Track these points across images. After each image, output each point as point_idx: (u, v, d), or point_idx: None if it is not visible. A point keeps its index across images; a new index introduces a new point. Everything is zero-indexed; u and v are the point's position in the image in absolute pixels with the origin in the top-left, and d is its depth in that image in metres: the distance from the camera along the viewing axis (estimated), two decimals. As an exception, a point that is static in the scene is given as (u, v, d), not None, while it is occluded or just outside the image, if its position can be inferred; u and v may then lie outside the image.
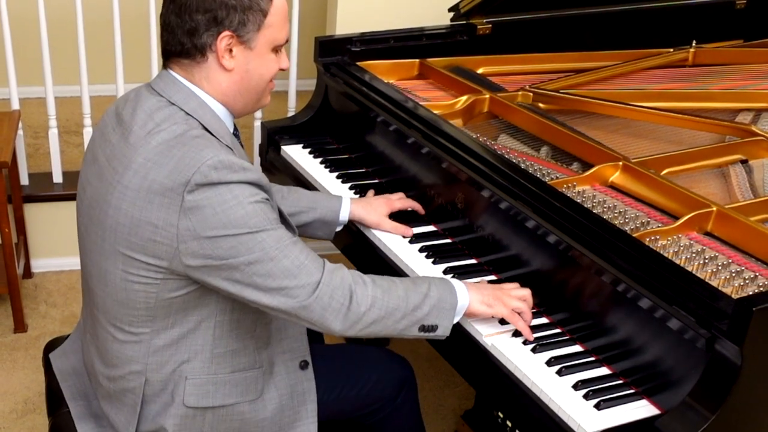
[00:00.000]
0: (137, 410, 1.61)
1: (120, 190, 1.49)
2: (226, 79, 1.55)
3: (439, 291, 1.61)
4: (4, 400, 2.62)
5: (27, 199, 3.15)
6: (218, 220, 1.43)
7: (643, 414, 1.47)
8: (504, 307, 1.65)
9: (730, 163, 2.03)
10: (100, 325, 1.61)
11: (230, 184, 1.45)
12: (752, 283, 1.56)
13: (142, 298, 1.53)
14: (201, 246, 1.45)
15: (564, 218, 1.68)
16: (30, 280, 3.21)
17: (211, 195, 1.43)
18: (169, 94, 1.54)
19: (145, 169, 1.47)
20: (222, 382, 1.61)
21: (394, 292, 1.57)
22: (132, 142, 1.50)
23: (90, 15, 3.23)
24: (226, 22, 1.50)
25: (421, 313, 1.59)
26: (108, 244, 1.52)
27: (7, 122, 2.99)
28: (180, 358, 1.58)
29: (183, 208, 1.43)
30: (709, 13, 2.88)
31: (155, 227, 1.46)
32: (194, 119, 1.52)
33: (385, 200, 2.03)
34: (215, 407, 1.62)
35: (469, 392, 2.70)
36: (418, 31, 2.56)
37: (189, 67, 1.55)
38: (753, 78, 2.53)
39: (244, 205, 1.45)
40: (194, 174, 1.43)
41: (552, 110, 2.30)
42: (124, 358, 1.59)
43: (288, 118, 2.60)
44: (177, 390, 1.59)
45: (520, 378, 1.57)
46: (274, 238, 1.48)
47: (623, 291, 1.55)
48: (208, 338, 1.58)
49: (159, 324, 1.55)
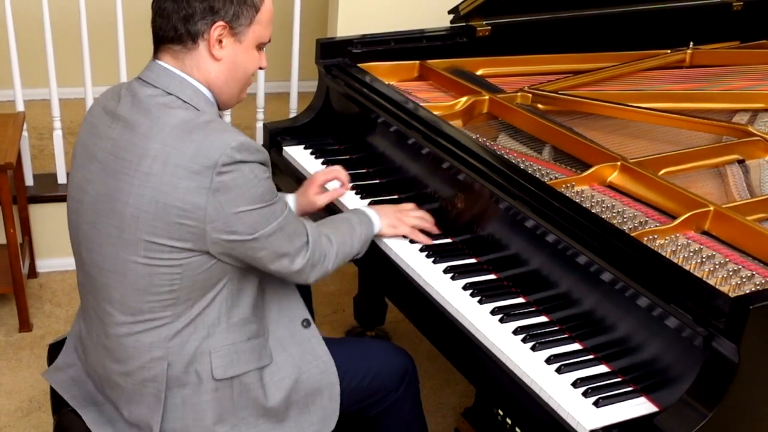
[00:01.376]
0: (161, 398, 1.61)
1: (140, 178, 1.51)
2: (215, 68, 1.60)
3: (365, 229, 1.88)
4: (10, 398, 2.62)
5: (32, 200, 3.15)
6: (244, 198, 1.52)
7: (641, 411, 1.47)
8: (404, 225, 1.94)
9: (727, 163, 2.03)
10: (113, 321, 1.61)
11: (251, 163, 1.53)
12: (749, 282, 1.56)
13: (166, 281, 1.55)
14: (227, 223, 1.52)
15: (563, 218, 1.69)
16: (35, 279, 3.22)
17: (236, 176, 1.51)
18: (164, 84, 1.58)
19: (165, 155, 1.50)
20: (242, 350, 1.66)
21: (347, 243, 1.81)
22: (142, 131, 1.53)
23: (93, 17, 3.24)
24: (222, 12, 1.56)
25: (355, 251, 1.85)
26: (128, 234, 1.54)
27: (12, 124, 2.99)
28: (200, 334, 1.61)
29: (211, 190, 1.49)
30: (707, 14, 2.88)
31: (182, 210, 1.50)
32: (191, 106, 1.57)
33: (309, 180, 2.09)
34: (240, 375, 1.65)
35: (470, 390, 2.70)
36: (418, 33, 2.57)
37: (180, 54, 1.59)
38: (750, 79, 2.53)
39: (262, 182, 1.55)
40: (221, 156, 1.49)
41: (551, 111, 2.30)
42: (143, 348, 1.60)
43: (290, 119, 2.60)
44: (203, 367, 1.62)
45: (520, 376, 1.57)
46: (279, 208, 1.60)
47: (621, 289, 1.55)
48: (222, 310, 1.63)
49: (181, 306, 1.58)
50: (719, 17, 2.90)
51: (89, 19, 3.10)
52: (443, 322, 1.76)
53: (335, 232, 1.80)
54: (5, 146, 2.81)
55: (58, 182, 3.24)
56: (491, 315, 1.71)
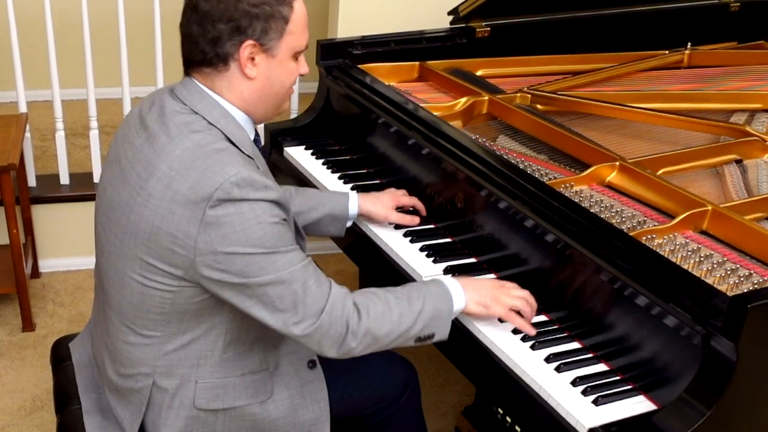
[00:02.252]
0: (142, 410, 1.60)
1: (143, 197, 1.48)
2: (247, 87, 1.54)
3: (434, 303, 1.60)
4: (13, 397, 2.62)
5: (34, 201, 3.15)
6: (237, 238, 1.43)
7: (640, 409, 1.47)
8: (501, 307, 1.64)
9: (725, 163, 2.03)
10: (113, 325, 1.61)
11: (252, 201, 1.44)
12: (747, 281, 1.56)
13: (157, 303, 1.52)
14: (217, 260, 1.44)
15: (562, 217, 1.68)
16: (38, 279, 3.21)
17: (232, 212, 1.43)
18: (192, 103, 1.53)
19: (168, 178, 1.46)
20: (232, 385, 1.61)
21: (387, 319, 1.55)
22: (156, 148, 1.50)
23: (96, 19, 3.24)
24: (249, 31, 1.49)
25: (414, 331, 1.59)
26: (127, 248, 1.52)
27: (14, 125, 2.99)
28: (189, 362, 1.58)
29: (203, 223, 1.43)
30: (704, 15, 2.88)
31: (174, 237, 1.45)
32: (217, 129, 1.51)
33: (391, 195, 2.02)
34: (226, 409, 1.61)
35: (470, 389, 2.70)
36: (418, 35, 2.57)
37: (210, 76, 1.53)
38: (747, 79, 2.53)
39: (263, 226, 1.44)
40: (217, 190, 1.42)
41: (550, 111, 2.30)
42: (134, 359, 1.59)
43: (291, 120, 2.59)
44: (186, 393, 1.59)
45: (520, 375, 1.57)
46: (287, 260, 1.47)
47: (620, 289, 1.55)
48: (218, 343, 1.58)
49: (172, 329, 1.55)
50: (717, 18, 2.90)
51: (91, 21, 3.10)
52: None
53: (377, 304, 1.56)
54: (8, 147, 2.81)
55: (61, 183, 3.24)
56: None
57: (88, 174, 3.31)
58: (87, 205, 3.14)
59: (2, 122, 3.02)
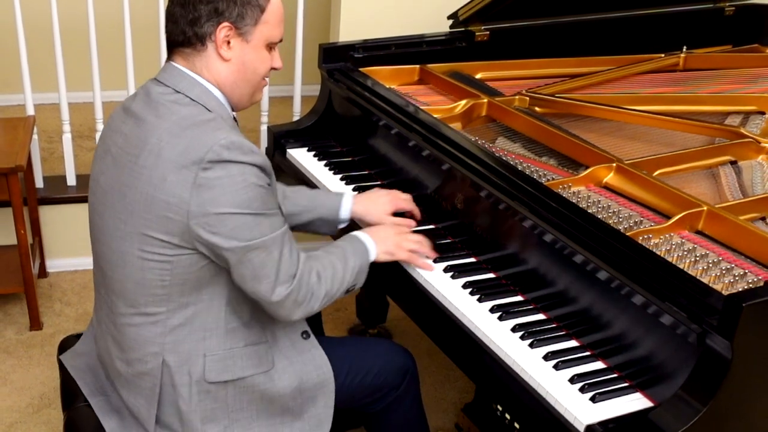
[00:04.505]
0: (156, 392, 1.62)
1: (137, 170, 1.53)
2: (224, 69, 1.60)
3: (360, 259, 1.76)
4: (21, 395, 2.63)
5: (42, 202, 3.15)
6: (227, 199, 1.48)
7: (637, 406, 1.47)
8: (404, 251, 1.82)
9: (720, 164, 2.03)
10: (117, 311, 1.62)
11: (240, 164, 1.49)
12: (742, 280, 1.56)
13: (157, 277, 1.55)
14: (209, 222, 1.49)
15: (560, 218, 1.69)
16: (45, 279, 3.22)
17: (222, 174, 1.48)
18: (174, 83, 1.59)
19: (158, 148, 1.51)
20: (238, 355, 1.64)
21: (337, 279, 1.68)
22: (145, 127, 1.55)
23: (102, 23, 3.24)
24: (226, 14, 1.57)
25: (348, 284, 1.73)
26: (128, 226, 1.55)
27: (22, 127, 2.99)
28: (196, 336, 1.60)
29: (195, 185, 1.48)
30: (700, 19, 2.88)
31: (168, 204, 1.49)
32: (199, 104, 1.57)
33: (390, 198, 2.01)
34: (235, 380, 1.64)
35: (469, 386, 2.70)
36: (418, 38, 2.57)
37: (190, 57, 1.60)
38: (741, 82, 2.53)
39: (252, 187, 1.51)
40: (208, 152, 1.48)
41: (548, 114, 2.30)
42: (141, 341, 1.60)
43: (293, 122, 2.60)
44: (195, 368, 1.61)
45: (518, 372, 1.57)
46: (270, 223, 1.55)
47: (617, 288, 1.55)
48: (221, 314, 1.61)
49: (174, 303, 1.58)
50: (712, 22, 2.90)
51: (97, 25, 3.10)
52: (443, 320, 1.76)
53: (327, 267, 1.68)
54: (16, 149, 2.82)
55: (68, 184, 3.24)
56: (490, 313, 1.71)
57: (95, 175, 3.31)
58: (93, 206, 3.14)
59: (10, 125, 3.02)
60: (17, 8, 2.99)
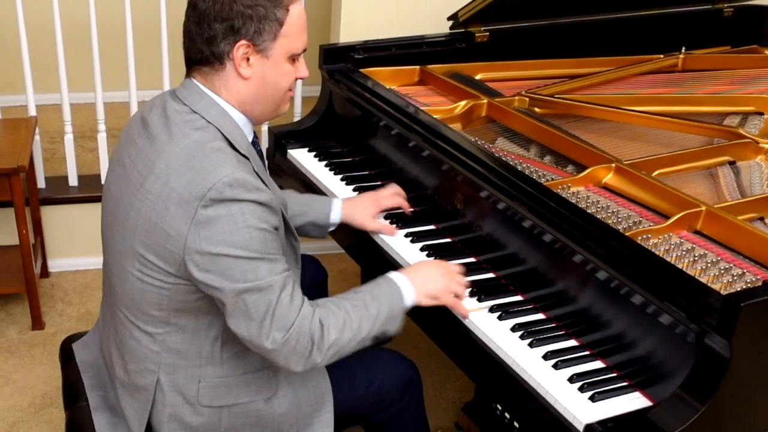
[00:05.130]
0: (148, 407, 1.61)
1: (142, 193, 1.50)
2: (243, 87, 1.55)
3: (389, 304, 1.62)
4: (23, 394, 2.63)
5: (44, 202, 3.15)
6: (224, 239, 1.43)
7: (636, 405, 1.47)
8: (449, 295, 1.69)
9: (719, 165, 2.03)
10: (120, 321, 1.61)
11: (242, 202, 1.44)
12: (740, 280, 1.56)
13: (155, 300, 1.53)
14: (203, 260, 1.45)
15: (559, 218, 1.69)
16: (47, 279, 3.22)
17: (222, 212, 1.43)
18: (191, 102, 1.54)
19: (166, 176, 1.47)
20: (234, 384, 1.61)
21: (348, 328, 1.55)
22: (157, 147, 1.51)
23: (103, 25, 3.24)
24: (243, 31, 1.50)
25: (372, 333, 1.60)
26: (128, 244, 1.53)
27: (24, 128, 2.99)
28: (192, 362, 1.58)
29: (194, 221, 1.44)
30: (698, 20, 2.88)
31: (167, 234, 1.46)
32: (214, 127, 1.52)
33: (373, 200, 2.01)
34: (230, 405, 1.61)
35: (469, 385, 2.70)
36: (418, 39, 2.57)
37: (209, 75, 1.55)
38: (740, 83, 2.53)
39: (251, 230, 1.44)
40: (210, 190, 1.43)
41: (547, 114, 2.30)
42: (140, 355, 1.59)
43: (294, 123, 2.60)
44: (189, 392, 1.59)
45: (518, 371, 1.57)
46: (268, 268, 1.47)
47: (616, 287, 1.55)
48: (217, 343, 1.58)
49: (171, 326, 1.56)
50: (710, 23, 2.90)
51: (99, 26, 3.10)
52: (443, 319, 1.76)
53: (337, 316, 1.55)
54: (18, 149, 2.82)
55: (69, 185, 3.25)
56: (490, 312, 1.71)
57: (96, 176, 3.31)
58: (95, 206, 3.14)
59: (12, 125, 3.03)
60: (19, 9, 2.99)
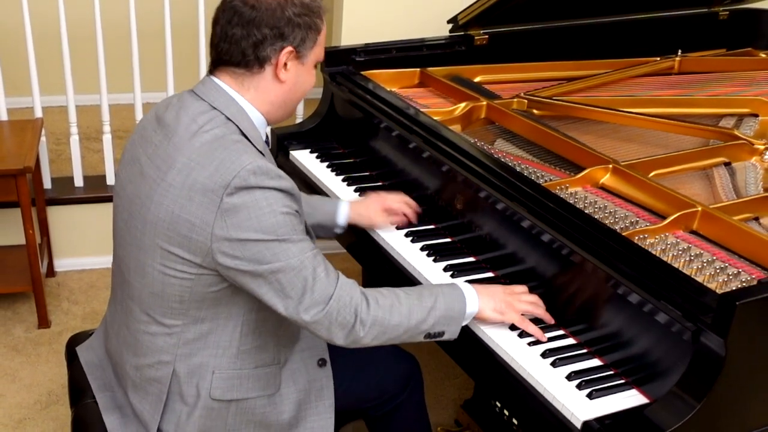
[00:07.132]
0: (163, 399, 1.61)
1: (164, 187, 1.50)
2: (277, 90, 1.57)
3: (446, 301, 1.61)
4: (30, 392, 2.63)
5: (50, 202, 3.16)
6: (251, 225, 1.45)
7: (633, 403, 1.47)
8: (515, 313, 1.65)
9: (714, 166, 2.03)
10: (134, 316, 1.61)
11: (266, 189, 1.46)
12: (735, 279, 1.57)
13: (177, 291, 1.54)
14: (232, 247, 1.46)
15: (557, 218, 1.69)
16: (53, 278, 3.22)
17: (247, 199, 1.45)
18: (211, 99, 1.55)
19: (188, 169, 1.48)
20: (246, 377, 1.62)
21: (396, 311, 1.56)
22: (176, 142, 1.52)
23: (109, 27, 3.24)
24: (291, 38, 1.53)
25: (425, 326, 1.59)
26: (148, 238, 1.53)
27: (30, 129, 3.00)
28: (208, 352, 1.59)
29: (220, 210, 1.45)
30: (694, 23, 2.89)
31: (192, 225, 1.47)
32: (233, 123, 1.54)
33: (379, 198, 2.02)
34: (239, 400, 1.62)
35: (469, 383, 2.70)
36: (418, 42, 2.57)
37: (240, 77, 1.56)
38: (735, 85, 2.53)
39: (276, 214, 1.46)
40: (234, 178, 1.44)
41: (546, 116, 2.30)
42: (155, 348, 1.60)
43: (296, 124, 2.60)
44: (203, 383, 1.60)
45: (517, 370, 1.57)
46: (298, 248, 1.49)
47: (613, 287, 1.55)
48: (235, 335, 1.59)
49: (191, 317, 1.56)
50: (706, 26, 2.90)
51: (104, 29, 3.11)
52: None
53: (386, 296, 1.56)
54: (24, 151, 2.82)
55: (75, 185, 3.25)
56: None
57: (102, 176, 3.31)
58: (100, 206, 3.15)
59: (18, 127, 3.03)
60: (26, 12, 2.99)
